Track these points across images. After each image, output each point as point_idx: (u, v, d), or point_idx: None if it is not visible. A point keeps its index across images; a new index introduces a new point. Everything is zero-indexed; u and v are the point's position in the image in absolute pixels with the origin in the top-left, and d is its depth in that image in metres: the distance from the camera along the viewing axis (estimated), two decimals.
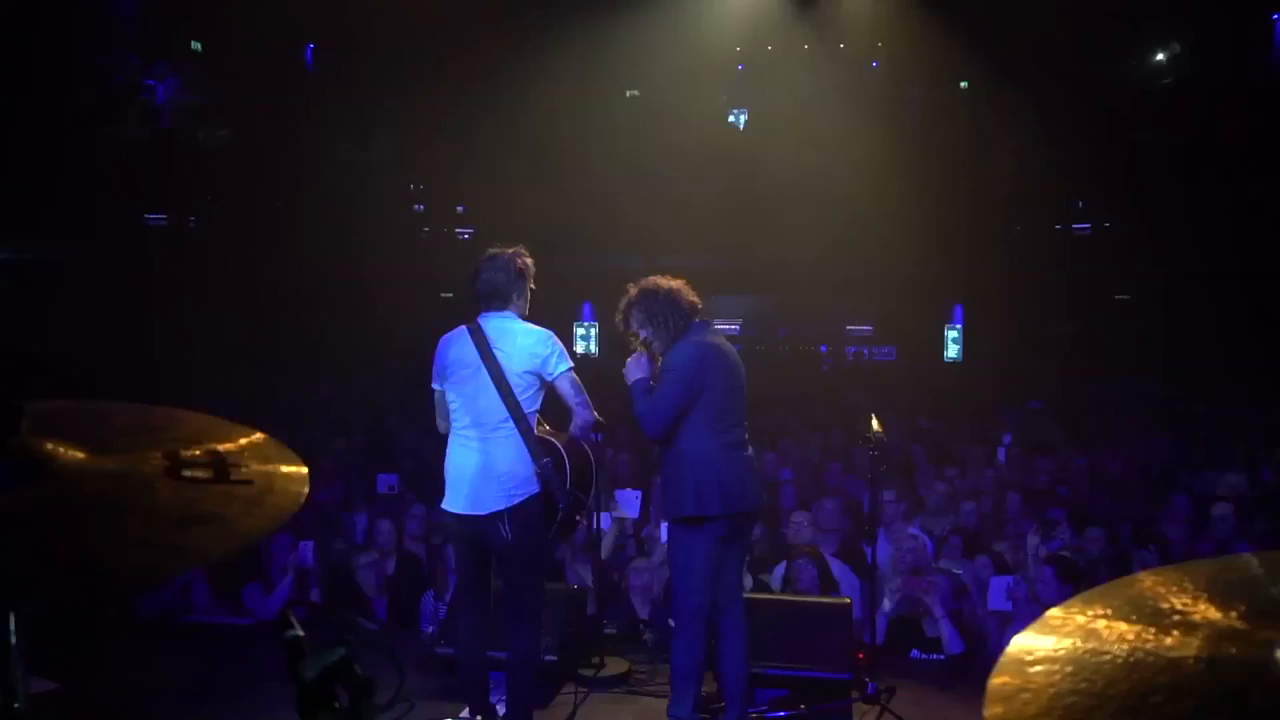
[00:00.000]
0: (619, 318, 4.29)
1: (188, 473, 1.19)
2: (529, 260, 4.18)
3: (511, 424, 3.96)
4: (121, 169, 12.46)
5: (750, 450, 4.23)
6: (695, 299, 4.23)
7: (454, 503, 4.06)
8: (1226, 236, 12.48)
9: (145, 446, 1.23)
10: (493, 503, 3.94)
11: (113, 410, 1.35)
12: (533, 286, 4.20)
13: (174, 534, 1.11)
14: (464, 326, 4.13)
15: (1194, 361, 12.67)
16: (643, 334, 4.21)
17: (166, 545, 1.10)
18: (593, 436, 4.28)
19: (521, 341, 4.02)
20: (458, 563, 4.33)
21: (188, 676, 5.04)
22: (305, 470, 1.30)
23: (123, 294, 12.14)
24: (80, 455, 1.18)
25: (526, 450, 3.97)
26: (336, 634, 1.30)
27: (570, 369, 4.06)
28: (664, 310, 4.17)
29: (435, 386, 4.19)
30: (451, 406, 4.10)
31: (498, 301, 4.10)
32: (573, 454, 4.12)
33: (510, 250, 4.15)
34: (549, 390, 4.10)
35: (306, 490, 1.27)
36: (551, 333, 4.09)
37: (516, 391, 3.96)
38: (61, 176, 11.58)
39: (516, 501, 3.94)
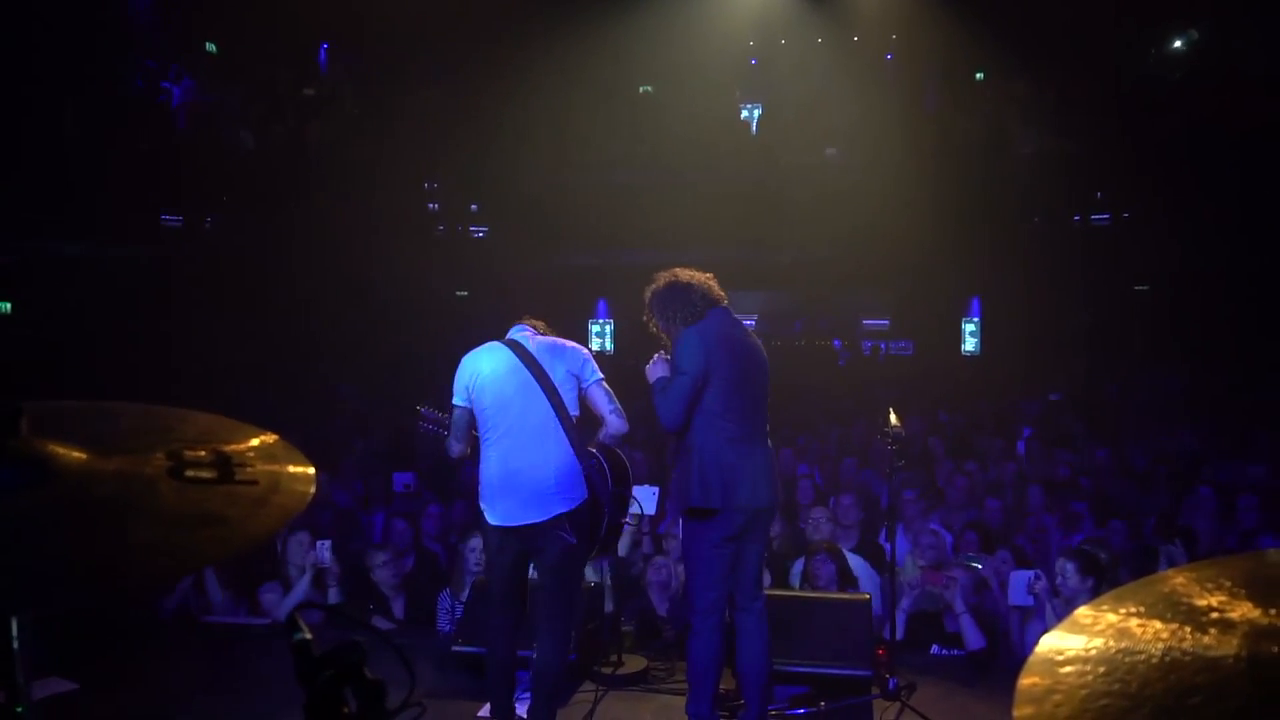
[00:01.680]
0: (646, 312, 4.30)
1: (191, 473, 1.17)
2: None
3: (561, 429, 4.03)
4: (138, 171, 12.50)
5: (767, 445, 4.15)
6: (713, 290, 4.19)
7: (509, 515, 4.02)
8: (1246, 226, 12.33)
9: (149, 447, 1.21)
10: (554, 506, 3.97)
11: (117, 410, 1.33)
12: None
13: (177, 536, 1.08)
14: (496, 342, 4.20)
15: (1214, 352, 12.54)
16: (661, 325, 4.20)
17: (170, 548, 1.07)
18: (621, 446, 4.32)
19: (559, 348, 4.18)
20: (500, 573, 4.19)
21: (206, 677, 5.05)
22: (312, 471, 1.27)
23: (139, 295, 12.18)
24: (82, 456, 1.15)
25: (574, 453, 4.02)
26: (348, 636, 1.27)
27: (603, 379, 4.19)
28: (675, 302, 4.15)
29: (459, 403, 4.17)
30: (491, 421, 4.08)
31: (529, 329, 4.29)
32: (607, 456, 4.23)
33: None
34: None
35: (313, 490, 1.24)
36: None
37: (562, 394, 4.06)
38: (78, 178, 11.63)
39: (575, 505, 4.00)
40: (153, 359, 10.98)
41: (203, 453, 1.21)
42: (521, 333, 4.23)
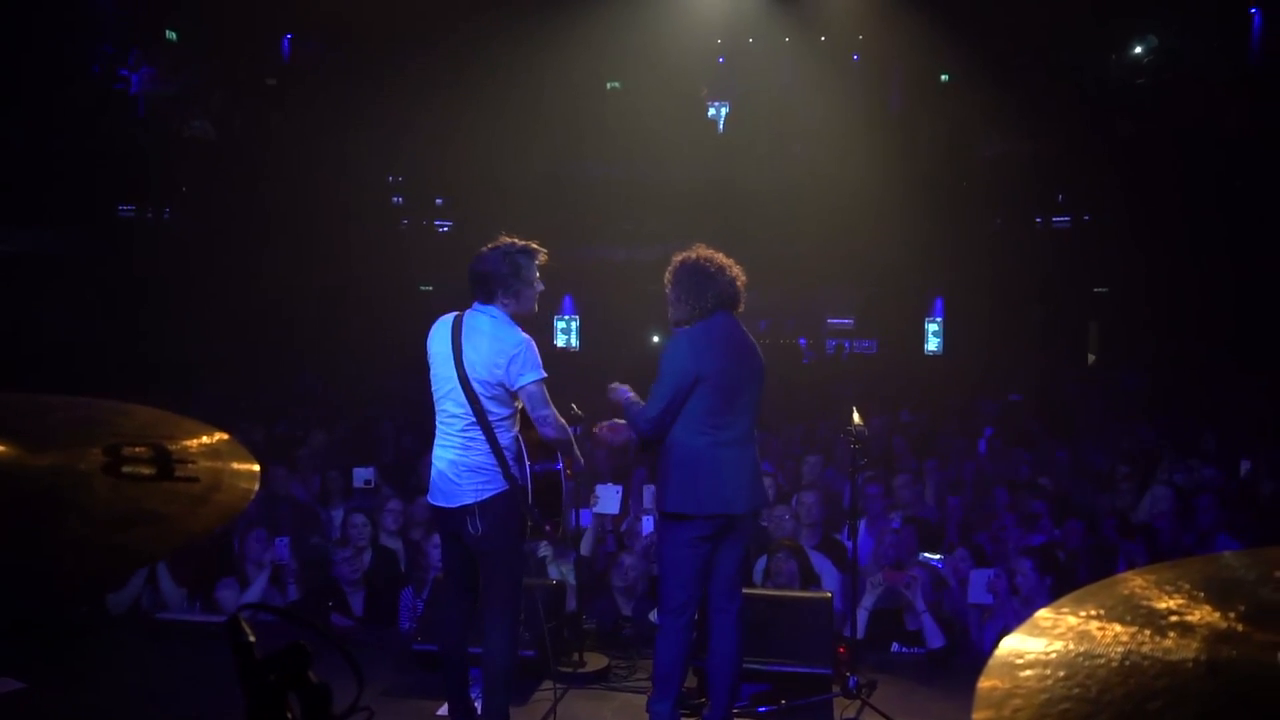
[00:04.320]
0: (667, 277, 4.19)
1: (128, 469, 1.12)
2: (533, 258, 4.02)
3: (478, 429, 3.86)
4: (97, 160, 12.27)
5: (752, 449, 4.09)
6: (732, 289, 4.11)
7: (431, 492, 4.04)
8: (1207, 229, 12.51)
9: (85, 442, 1.16)
10: (461, 496, 3.89)
11: (51, 404, 1.27)
12: (539, 287, 4.06)
13: (112, 535, 1.04)
14: (451, 315, 4.02)
15: (1173, 352, 12.73)
16: (670, 298, 4.14)
17: (104, 547, 1.03)
18: (572, 429, 4.18)
19: (487, 347, 3.85)
20: (443, 556, 4.26)
21: (159, 676, 4.94)
22: (256, 468, 1.23)
23: (101, 287, 11.97)
24: (12, 451, 1.10)
25: (488, 450, 3.86)
26: (294, 638, 1.23)
27: (536, 380, 3.84)
28: (694, 289, 4.07)
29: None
30: (433, 394, 4.04)
31: (482, 292, 3.96)
32: (540, 485, 3.98)
33: (511, 241, 4.02)
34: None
35: (255, 488, 1.20)
36: (524, 339, 3.88)
37: (482, 397, 3.84)
38: (37, 168, 11.40)
39: (485, 497, 3.85)
40: (110, 353, 10.79)
41: (141, 449, 1.17)
42: (473, 313, 3.96)
